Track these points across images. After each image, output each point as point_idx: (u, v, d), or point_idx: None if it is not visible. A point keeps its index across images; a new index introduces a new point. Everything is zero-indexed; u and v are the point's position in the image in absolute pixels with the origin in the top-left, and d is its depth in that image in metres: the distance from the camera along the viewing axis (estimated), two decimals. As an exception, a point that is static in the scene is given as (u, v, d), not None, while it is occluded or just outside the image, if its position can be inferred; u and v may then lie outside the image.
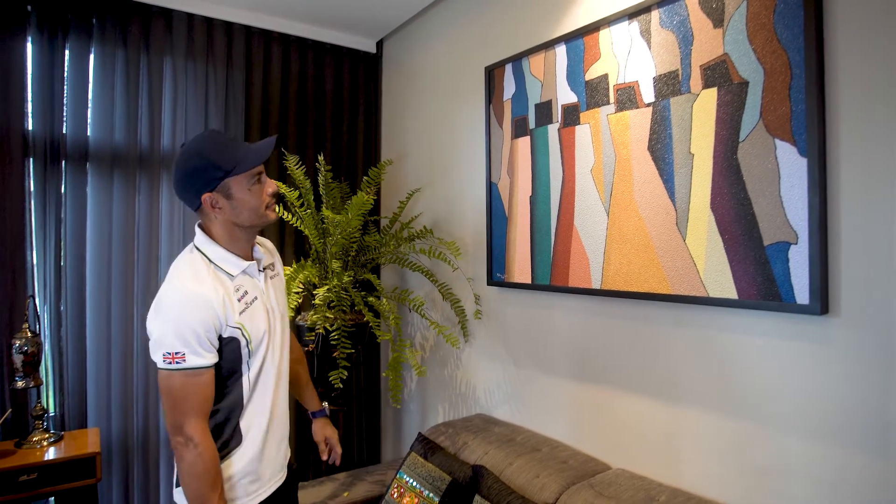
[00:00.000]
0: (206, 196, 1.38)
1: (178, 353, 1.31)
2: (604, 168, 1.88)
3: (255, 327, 1.42)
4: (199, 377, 1.33)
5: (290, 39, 3.03)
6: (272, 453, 1.51)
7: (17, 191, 2.37)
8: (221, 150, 1.37)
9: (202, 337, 1.32)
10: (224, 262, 1.42)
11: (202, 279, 1.36)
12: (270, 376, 1.49)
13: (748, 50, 1.47)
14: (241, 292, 1.42)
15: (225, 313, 1.36)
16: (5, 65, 2.35)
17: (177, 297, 1.33)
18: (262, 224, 1.46)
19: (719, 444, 1.59)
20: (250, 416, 1.45)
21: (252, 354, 1.43)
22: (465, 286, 2.57)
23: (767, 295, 1.44)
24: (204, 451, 1.32)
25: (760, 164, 1.45)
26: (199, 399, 1.34)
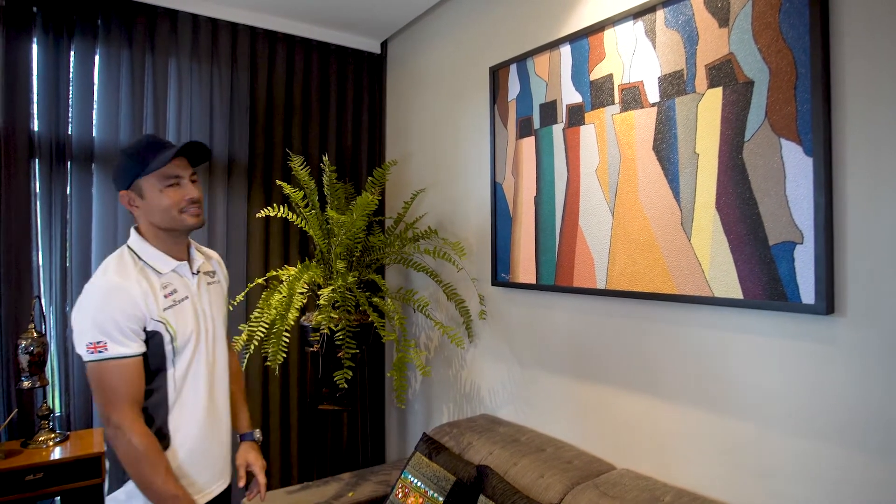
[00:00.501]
0: (123, 193, 1.45)
1: (100, 343, 1.32)
2: (609, 168, 1.88)
3: (181, 325, 1.45)
4: (124, 366, 1.34)
5: (294, 40, 3.04)
6: (207, 459, 1.51)
7: (22, 192, 2.38)
8: (142, 151, 1.43)
9: (123, 326, 1.34)
10: (153, 259, 1.46)
11: (126, 274, 1.39)
12: (201, 378, 1.50)
13: (753, 49, 1.47)
14: (168, 289, 1.46)
15: (147, 306, 1.38)
16: (11, 66, 2.36)
17: (98, 289, 1.37)
18: (178, 227, 1.47)
19: (724, 445, 1.59)
20: (178, 418, 1.45)
21: (178, 353, 1.44)
22: (470, 286, 2.57)
23: (773, 295, 1.43)
24: (133, 437, 1.33)
25: (766, 164, 1.44)
26: (127, 388, 1.35)
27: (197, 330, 1.49)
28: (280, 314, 2.16)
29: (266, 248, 2.97)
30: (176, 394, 1.45)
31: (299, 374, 3.06)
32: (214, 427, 1.53)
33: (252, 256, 2.92)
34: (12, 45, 2.36)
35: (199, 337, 1.50)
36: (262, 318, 2.21)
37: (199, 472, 1.49)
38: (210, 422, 1.51)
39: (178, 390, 1.45)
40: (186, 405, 1.47)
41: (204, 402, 1.50)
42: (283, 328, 2.13)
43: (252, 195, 2.91)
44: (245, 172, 2.89)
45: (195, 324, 1.49)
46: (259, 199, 2.92)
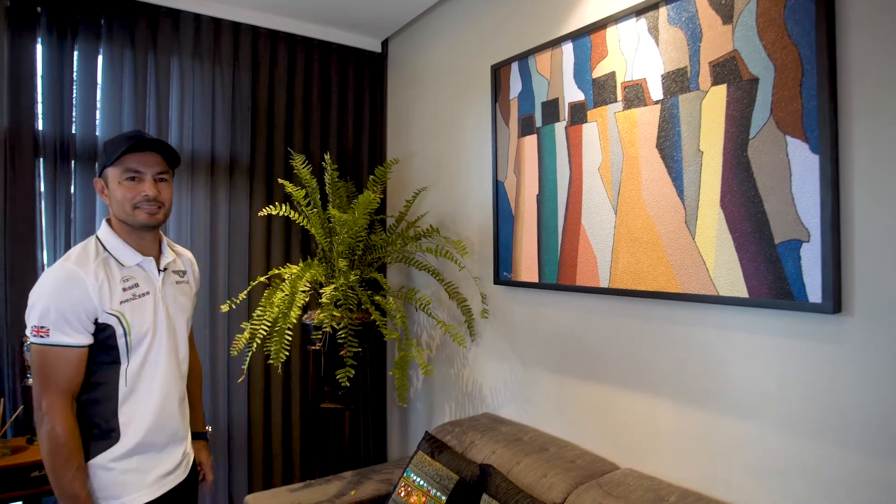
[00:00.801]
0: (96, 180, 1.49)
1: (43, 328, 1.33)
2: (611, 166, 1.87)
3: (138, 320, 1.45)
4: (63, 355, 1.35)
5: (296, 39, 3.03)
6: (160, 454, 1.51)
7: (27, 191, 2.38)
8: (118, 141, 1.45)
9: (69, 317, 1.34)
10: (118, 251, 1.46)
11: (86, 262, 1.40)
12: (157, 375, 1.49)
13: (758, 46, 1.46)
14: (129, 283, 1.46)
15: (100, 298, 1.38)
16: (16, 65, 2.36)
17: (53, 276, 1.37)
18: (132, 222, 1.46)
19: (729, 445, 1.58)
20: (130, 412, 1.45)
21: (132, 348, 1.44)
22: (472, 285, 2.56)
23: (779, 293, 1.42)
24: (54, 428, 1.33)
25: (771, 162, 1.43)
26: (62, 377, 1.35)
27: (154, 326, 1.49)
28: (282, 312, 2.15)
29: (268, 247, 2.97)
30: (129, 388, 1.45)
31: (301, 372, 3.05)
32: (168, 423, 1.53)
33: (254, 255, 2.91)
34: (17, 44, 2.37)
35: (156, 333, 1.49)
36: (265, 317, 2.21)
37: (153, 466, 1.49)
38: (164, 418, 1.51)
39: (131, 385, 1.45)
40: (140, 400, 1.46)
41: (158, 397, 1.49)
42: (285, 326, 2.12)
43: (254, 194, 2.91)
44: (247, 171, 2.89)
45: (153, 320, 1.49)
46: (261, 198, 2.92)
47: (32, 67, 2.41)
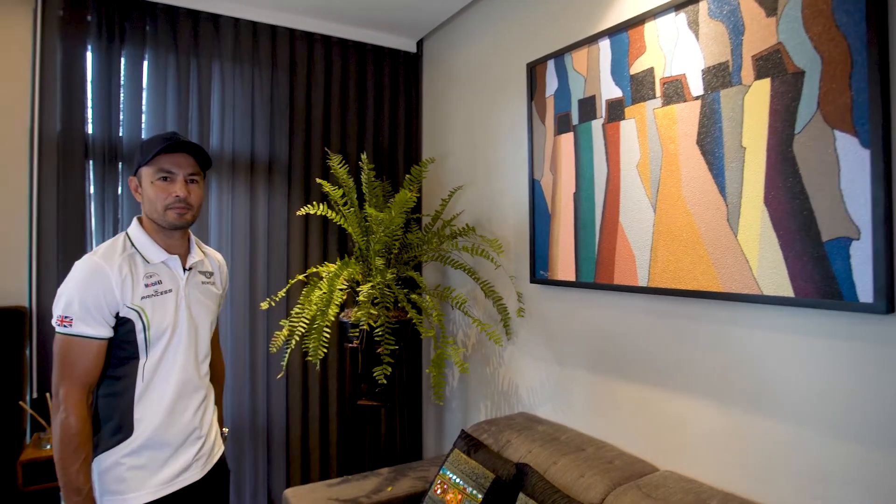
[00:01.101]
0: (131, 179, 1.53)
1: (67, 318, 1.37)
2: (650, 163, 1.84)
3: (158, 316, 1.47)
4: (84, 346, 1.38)
5: (332, 41, 3.07)
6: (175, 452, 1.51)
7: (78, 192, 2.48)
8: (152, 142, 1.48)
9: (91, 308, 1.38)
10: (144, 247, 1.50)
11: (111, 257, 1.43)
12: (174, 373, 1.50)
13: (804, 38, 1.42)
14: (153, 279, 1.49)
15: (122, 292, 1.41)
16: (67, 72, 2.46)
17: (80, 268, 1.41)
18: (161, 222, 1.50)
19: (771, 448, 1.54)
20: (144, 408, 1.46)
21: (151, 343, 1.46)
22: (508, 284, 2.55)
23: (827, 293, 1.38)
24: (67, 418, 1.36)
25: (818, 157, 1.39)
26: (81, 367, 1.38)
27: (175, 323, 1.51)
28: (320, 310, 2.19)
29: (306, 246, 3.02)
30: (145, 384, 1.47)
31: (338, 369, 3.10)
32: (182, 421, 1.53)
33: (292, 253, 2.97)
34: (69, 52, 2.47)
35: (175, 330, 1.51)
36: (303, 314, 2.25)
37: (161, 463, 1.48)
38: (177, 415, 1.51)
39: (147, 381, 1.47)
40: (154, 396, 1.48)
41: (173, 395, 1.50)
42: (323, 324, 2.15)
43: (292, 193, 2.97)
44: (285, 171, 2.95)
45: (174, 317, 1.51)
46: (299, 198, 2.97)
47: (83, 73, 2.51)
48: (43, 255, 2.42)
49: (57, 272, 2.44)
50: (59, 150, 2.44)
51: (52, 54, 2.43)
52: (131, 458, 1.45)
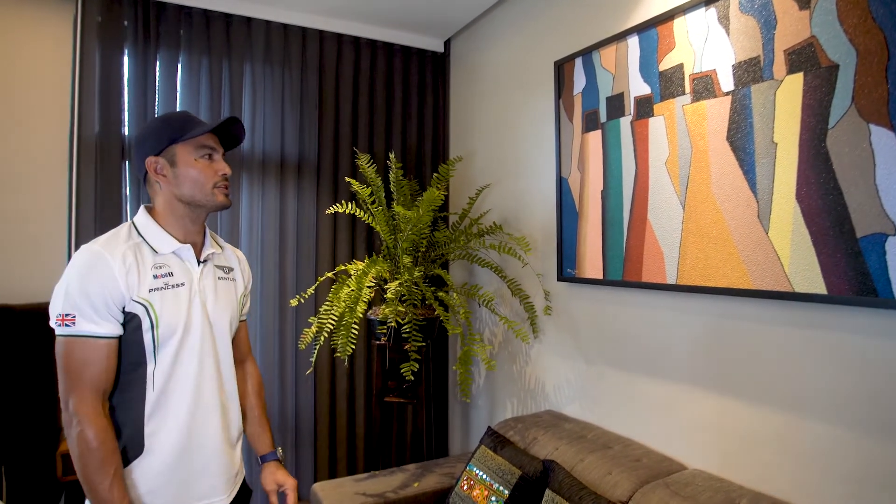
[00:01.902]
0: (151, 160, 1.31)
1: (69, 316, 1.19)
2: (679, 160, 1.83)
3: (168, 313, 1.27)
4: (92, 347, 1.19)
5: (360, 42, 3.11)
6: (196, 471, 1.32)
7: (115, 193, 2.56)
8: (177, 119, 1.34)
9: (96, 302, 1.19)
10: (152, 236, 1.31)
11: (114, 245, 1.25)
12: (189, 380, 1.31)
13: (838, 31, 1.39)
14: (162, 270, 1.29)
15: (128, 284, 1.22)
16: (105, 76, 2.54)
17: (77, 260, 1.23)
18: (207, 203, 1.35)
19: (803, 448, 1.51)
20: (157, 422, 1.27)
21: (159, 345, 1.26)
22: (535, 282, 2.56)
23: (861, 290, 1.36)
24: (86, 430, 1.17)
25: (852, 152, 1.37)
26: (92, 372, 1.19)
27: (188, 322, 1.30)
28: (349, 307, 2.22)
29: (334, 244, 3.06)
30: (157, 394, 1.27)
31: (366, 366, 3.13)
32: (200, 438, 1.32)
33: (321, 251, 3.01)
34: (106, 56, 2.55)
35: (188, 330, 1.30)
36: (332, 311, 2.28)
37: (172, 489, 1.29)
38: (194, 431, 1.31)
39: (159, 390, 1.27)
40: (169, 408, 1.28)
41: (188, 408, 1.30)
42: (351, 321, 2.19)
43: (321, 192, 3.01)
44: (314, 170, 2.99)
45: (187, 315, 1.30)
46: (328, 196, 3.02)
47: (120, 77, 2.58)
48: (82, 253, 2.49)
49: (95, 269, 2.51)
50: (96, 151, 2.52)
51: (91, 58, 2.51)
52: (147, 482, 1.26)
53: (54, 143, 2.58)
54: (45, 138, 2.56)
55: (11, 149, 2.52)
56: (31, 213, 2.54)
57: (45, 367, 2.40)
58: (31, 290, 2.51)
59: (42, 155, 2.56)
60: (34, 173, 2.55)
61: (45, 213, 2.56)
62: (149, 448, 1.26)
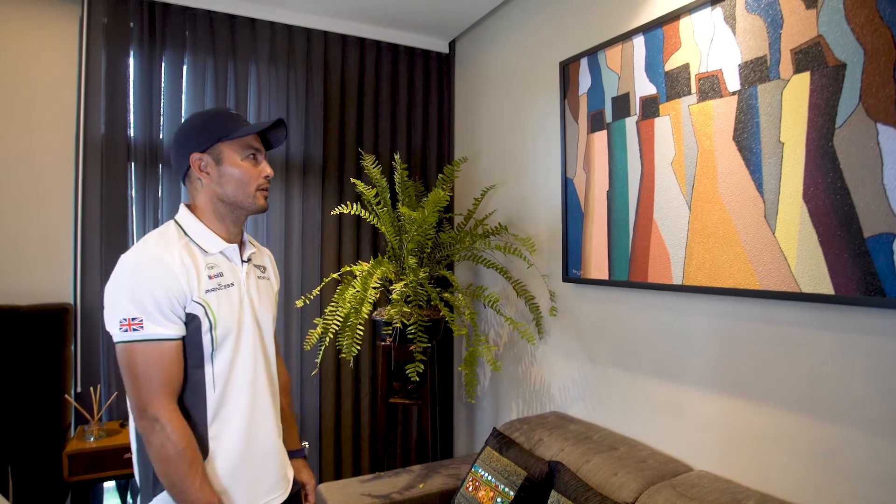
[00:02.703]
0: (196, 156, 1.28)
1: (136, 320, 1.15)
2: (685, 160, 1.83)
3: (224, 313, 1.26)
4: (161, 350, 1.17)
5: (365, 43, 3.12)
6: (251, 474, 1.31)
7: (121, 194, 2.57)
8: (223, 117, 1.32)
9: (162, 303, 1.17)
10: (200, 236, 1.29)
11: (169, 246, 1.23)
12: (245, 380, 1.31)
13: (846, 30, 1.39)
14: (214, 270, 1.28)
15: (189, 283, 1.20)
16: (111, 77, 2.55)
17: (135, 260, 1.20)
18: (249, 205, 1.33)
19: (811, 448, 1.50)
20: (220, 425, 1.26)
21: (217, 346, 1.25)
22: (540, 283, 2.55)
23: (869, 290, 1.35)
24: (172, 432, 1.16)
25: (860, 151, 1.36)
26: (164, 375, 1.18)
27: (240, 322, 1.30)
28: (354, 308, 2.22)
29: (339, 245, 3.07)
30: (217, 397, 1.26)
31: (371, 367, 3.13)
32: (258, 437, 1.33)
33: (326, 252, 3.02)
34: (112, 58, 2.56)
35: (241, 331, 1.31)
36: (337, 312, 2.28)
37: (246, 488, 1.30)
38: (251, 432, 1.31)
39: (219, 393, 1.26)
40: (228, 412, 1.28)
41: (246, 409, 1.30)
42: (357, 322, 2.19)
43: (326, 193, 3.02)
44: (319, 171, 3.00)
45: (239, 315, 1.30)
46: (333, 197, 3.02)
47: (125, 78, 2.59)
48: (87, 255, 2.51)
49: (100, 271, 2.52)
50: (102, 152, 2.53)
51: (97, 60, 2.52)
52: (215, 484, 1.25)
53: (60, 145, 2.59)
54: (50, 139, 2.58)
55: (18, 150, 2.53)
56: (36, 214, 2.56)
57: (52, 367, 2.41)
58: (37, 291, 2.52)
59: (48, 156, 2.57)
60: (40, 174, 2.56)
61: (50, 214, 2.57)
62: (213, 451, 1.25)
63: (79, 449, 2.22)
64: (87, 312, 2.50)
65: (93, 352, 2.52)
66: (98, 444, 2.26)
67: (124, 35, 2.58)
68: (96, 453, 2.23)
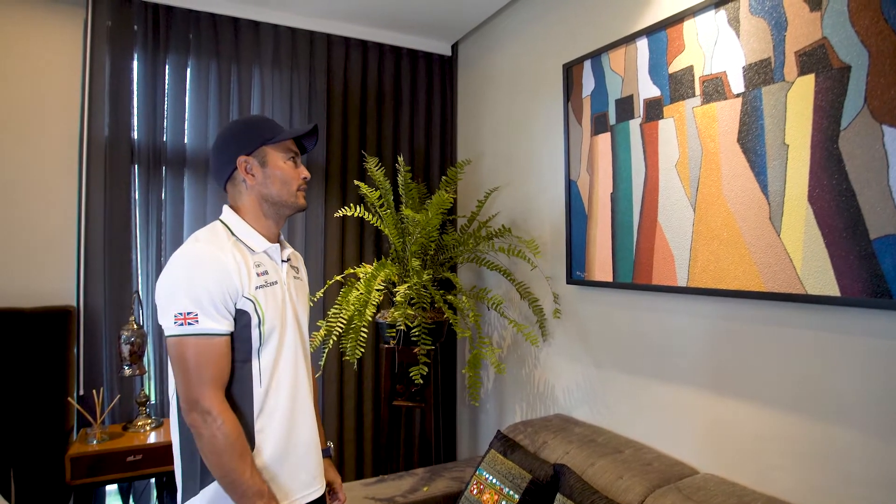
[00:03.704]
0: (242, 158, 1.35)
1: (191, 314, 1.20)
2: (689, 162, 1.83)
3: (270, 310, 1.32)
4: (213, 345, 1.22)
5: (368, 45, 3.12)
6: (296, 465, 1.36)
7: (124, 197, 2.58)
8: (264, 122, 1.41)
9: (216, 299, 1.22)
10: (246, 236, 1.35)
11: (221, 243, 1.29)
12: (288, 375, 1.35)
13: (850, 33, 1.39)
14: (261, 269, 1.34)
15: (241, 280, 1.26)
16: (115, 80, 2.56)
17: (190, 257, 1.26)
18: (291, 204, 1.40)
19: (817, 451, 1.50)
20: (265, 419, 1.31)
21: (264, 341, 1.31)
22: (544, 285, 2.55)
23: (875, 292, 1.35)
24: (224, 424, 1.20)
25: (865, 153, 1.36)
26: (216, 369, 1.23)
27: (283, 320, 1.36)
28: (358, 310, 2.22)
29: (342, 247, 3.07)
30: (263, 390, 1.30)
31: (374, 370, 3.13)
32: (299, 431, 1.38)
33: (329, 255, 3.02)
34: (116, 61, 2.57)
35: (285, 327, 1.36)
36: (341, 315, 2.28)
37: (290, 480, 1.34)
38: (293, 426, 1.36)
39: (265, 387, 1.31)
40: (273, 406, 1.32)
41: (287, 403, 1.35)
42: (360, 324, 2.19)
43: (329, 195, 3.02)
44: (322, 173, 3.00)
45: (282, 312, 1.36)
46: (336, 200, 3.02)
47: (129, 81, 2.60)
48: (90, 257, 2.51)
49: (103, 273, 2.53)
50: (106, 154, 2.53)
51: (101, 62, 2.52)
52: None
53: (64, 147, 2.59)
54: (55, 142, 2.58)
55: (22, 152, 2.54)
56: (40, 216, 2.56)
57: (55, 370, 2.41)
58: (41, 293, 2.52)
59: (52, 158, 2.57)
60: (44, 177, 2.57)
61: (54, 216, 2.57)
62: (259, 445, 1.29)
63: (81, 452, 2.22)
64: (91, 315, 2.50)
65: (96, 354, 2.52)
66: (100, 447, 2.25)
67: (128, 38, 2.59)
68: (99, 456, 2.22)
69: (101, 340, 2.53)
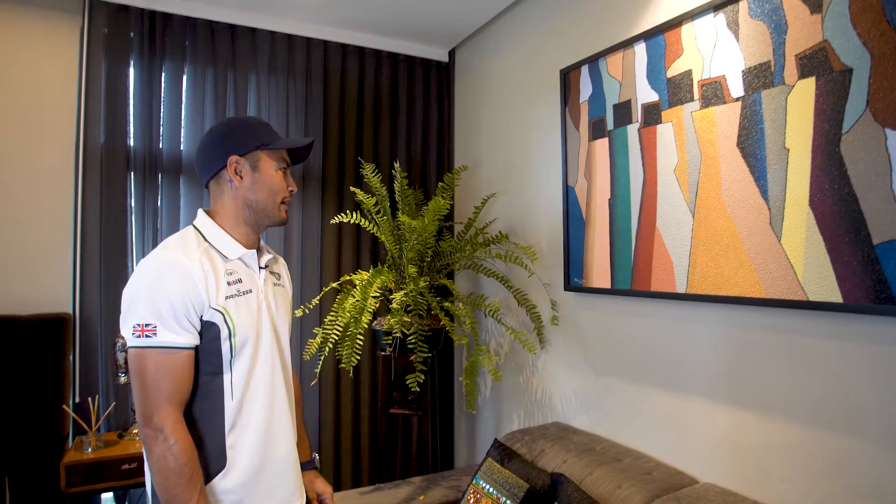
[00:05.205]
0: (234, 158, 1.29)
1: (149, 326, 1.15)
2: (688, 167, 1.80)
3: (242, 321, 1.25)
4: (173, 358, 1.16)
5: (365, 52, 3.11)
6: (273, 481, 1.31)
7: (120, 204, 2.56)
8: (262, 125, 1.35)
9: (178, 310, 1.16)
10: (220, 242, 1.29)
11: (189, 250, 1.22)
12: (262, 389, 1.29)
13: (852, 35, 1.37)
14: (233, 277, 1.27)
15: (207, 290, 1.20)
16: (111, 87, 2.55)
17: (154, 264, 1.19)
18: (272, 216, 1.35)
19: (819, 461, 1.47)
20: (237, 434, 1.25)
21: (236, 353, 1.25)
22: (542, 292, 2.52)
23: (878, 298, 1.32)
24: (175, 444, 1.14)
25: (868, 157, 1.34)
26: (174, 385, 1.16)
27: (258, 330, 1.29)
28: (354, 317, 2.20)
29: (339, 254, 3.05)
30: (235, 405, 1.25)
31: (371, 377, 3.10)
32: (276, 447, 1.32)
33: (325, 261, 3.00)
34: (112, 68, 2.56)
35: (260, 338, 1.30)
36: (337, 322, 2.26)
37: (258, 499, 1.28)
38: (269, 441, 1.31)
39: (237, 401, 1.25)
40: (246, 421, 1.27)
41: (264, 417, 1.29)
42: (356, 332, 2.16)
43: (325, 202, 3.00)
44: (319, 180, 2.98)
45: (257, 322, 1.30)
46: (332, 206, 3.00)
47: (125, 88, 2.59)
48: (86, 264, 2.49)
49: (99, 281, 2.51)
50: (102, 161, 2.52)
51: (97, 69, 2.52)
52: (229, 495, 1.24)
53: (60, 154, 2.58)
54: (51, 149, 2.56)
55: (18, 159, 2.52)
56: (36, 223, 2.54)
57: (51, 377, 2.39)
58: (37, 300, 2.50)
59: (48, 165, 2.56)
60: (40, 183, 2.55)
61: (50, 223, 2.55)
62: (231, 461, 1.24)
63: (76, 460, 2.19)
64: (87, 322, 2.48)
65: (91, 362, 2.50)
66: (96, 455, 2.23)
67: (125, 45, 2.58)
68: (94, 464, 2.20)
69: (96, 348, 2.51)
